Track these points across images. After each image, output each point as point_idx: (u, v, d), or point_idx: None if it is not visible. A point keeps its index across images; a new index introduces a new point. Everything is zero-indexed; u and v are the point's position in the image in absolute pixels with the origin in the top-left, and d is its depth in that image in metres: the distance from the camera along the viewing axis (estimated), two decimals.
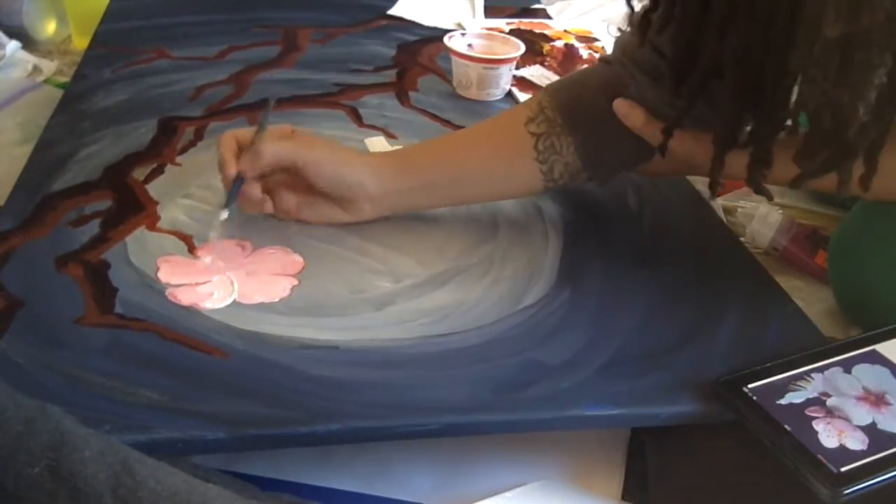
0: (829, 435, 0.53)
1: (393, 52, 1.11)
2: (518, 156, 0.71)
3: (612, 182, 0.78)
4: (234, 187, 0.68)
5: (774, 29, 0.54)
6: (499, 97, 1.01)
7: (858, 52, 0.51)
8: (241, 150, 0.70)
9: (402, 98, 0.99)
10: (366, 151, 0.77)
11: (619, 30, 0.72)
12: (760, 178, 0.60)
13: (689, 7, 0.59)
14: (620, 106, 0.69)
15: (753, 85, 0.57)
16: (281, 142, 0.70)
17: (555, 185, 0.73)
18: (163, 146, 0.84)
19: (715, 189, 0.64)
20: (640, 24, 0.64)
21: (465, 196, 0.75)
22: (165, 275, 0.65)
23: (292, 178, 0.70)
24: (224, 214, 0.68)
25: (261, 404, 0.54)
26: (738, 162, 0.61)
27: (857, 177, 0.56)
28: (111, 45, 1.06)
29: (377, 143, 0.87)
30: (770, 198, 0.62)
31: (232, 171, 0.68)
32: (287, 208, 0.72)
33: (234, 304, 0.63)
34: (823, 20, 0.50)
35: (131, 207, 0.73)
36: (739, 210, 0.86)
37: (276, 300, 0.64)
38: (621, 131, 0.70)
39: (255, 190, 0.70)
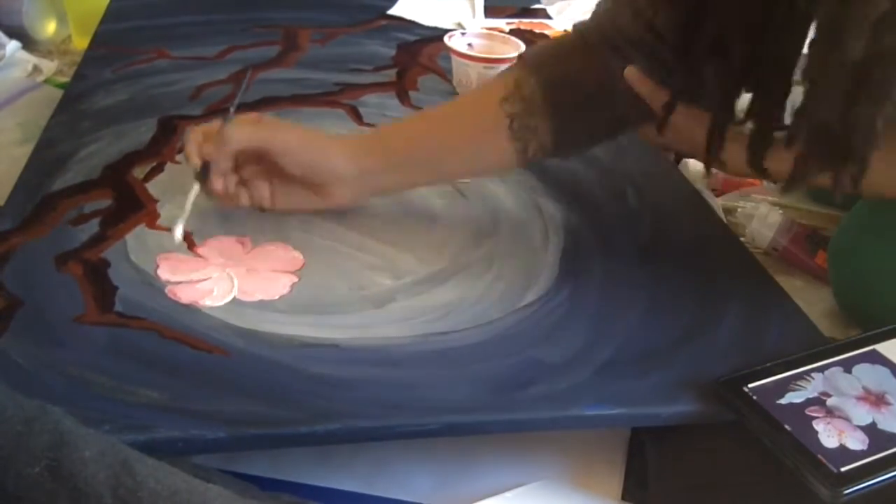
0: (829, 435, 0.53)
1: (393, 52, 1.11)
2: (493, 135, 0.70)
3: (612, 182, 0.79)
4: (203, 176, 0.68)
5: (777, 11, 0.54)
6: None
7: (878, 70, 0.50)
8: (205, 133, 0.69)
9: (403, 97, 0.99)
10: (337, 134, 0.76)
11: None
12: (762, 158, 0.60)
13: None
14: (631, 72, 0.68)
15: (756, 61, 0.57)
16: (249, 126, 0.68)
17: (528, 162, 0.73)
18: (162, 145, 0.84)
19: (709, 167, 0.64)
20: None
21: (439, 174, 0.74)
22: (165, 272, 0.65)
23: (265, 166, 0.69)
24: (178, 232, 0.67)
25: (261, 403, 0.54)
26: (737, 154, 0.61)
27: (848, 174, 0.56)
28: (111, 45, 1.06)
29: None
30: (774, 181, 0.62)
31: (196, 161, 0.67)
32: (261, 197, 0.70)
33: (234, 301, 0.63)
34: (844, 40, 0.49)
35: (131, 205, 0.73)
36: (739, 210, 0.86)
37: (276, 297, 0.64)
38: (599, 112, 0.70)
39: (218, 183, 0.68)
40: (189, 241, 0.69)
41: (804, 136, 0.56)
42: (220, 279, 0.65)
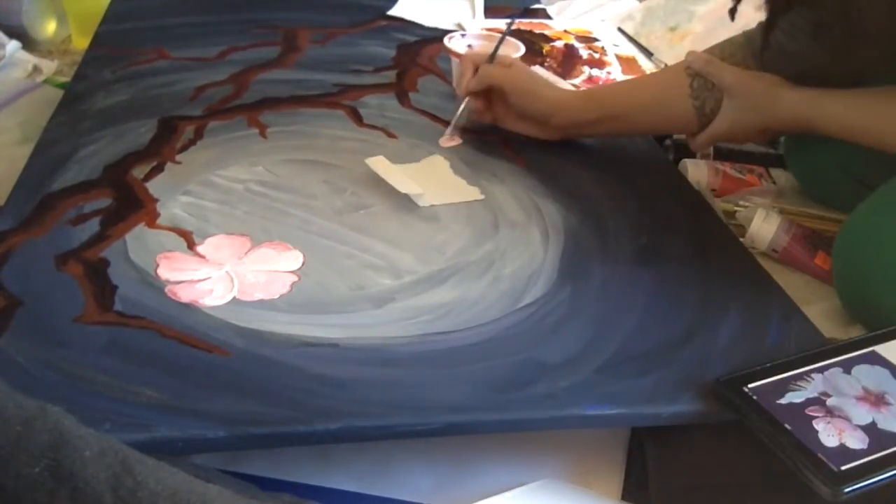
0: (829, 434, 0.53)
1: (393, 53, 1.11)
2: (676, 94, 0.83)
3: (612, 182, 0.81)
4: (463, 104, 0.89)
5: None
6: None
7: None
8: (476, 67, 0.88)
9: (402, 98, 0.99)
10: (555, 85, 0.94)
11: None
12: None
13: None
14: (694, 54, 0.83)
15: None
16: (495, 68, 0.88)
17: (707, 120, 0.82)
18: (162, 145, 0.84)
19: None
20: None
21: (632, 129, 0.89)
22: (165, 271, 0.65)
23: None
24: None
25: (261, 403, 0.54)
26: None
27: None
28: (111, 45, 1.06)
29: (378, 163, 0.82)
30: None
31: (464, 90, 0.88)
32: (497, 115, 0.90)
33: (234, 301, 0.63)
34: None
35: (131, 205, 0.73)
36: (739, 211, 0.86)
37: (276, 297, 0.64)
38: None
39: (478, 103, 0.89)
40: (189, 240, 0.69)
41: None
42: (219, 279, 0.65)
